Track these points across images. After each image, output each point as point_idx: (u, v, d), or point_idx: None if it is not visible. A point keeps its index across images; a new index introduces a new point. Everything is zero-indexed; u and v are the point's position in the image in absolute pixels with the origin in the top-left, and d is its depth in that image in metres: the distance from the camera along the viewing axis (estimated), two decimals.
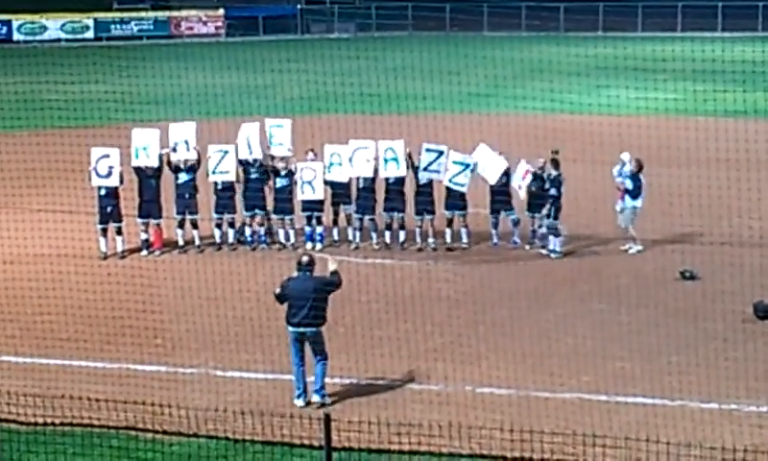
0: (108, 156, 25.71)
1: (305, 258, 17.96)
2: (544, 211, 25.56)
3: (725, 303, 21.74)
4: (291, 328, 17.62)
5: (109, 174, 25.68)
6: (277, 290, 17.95)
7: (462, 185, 26.13)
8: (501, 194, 26.32)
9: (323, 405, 17.33)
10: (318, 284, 17.67)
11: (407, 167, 26.23)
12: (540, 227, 26.02)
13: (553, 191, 25.58)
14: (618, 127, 28.83)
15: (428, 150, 26.13)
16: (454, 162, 26.11)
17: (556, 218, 25.57)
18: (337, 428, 14.02)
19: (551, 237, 25.67)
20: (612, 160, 26.95)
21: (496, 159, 26.05)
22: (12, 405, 15.24)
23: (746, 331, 20.67)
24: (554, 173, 25.70)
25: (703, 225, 26.34)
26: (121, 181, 25.90)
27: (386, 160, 26.11)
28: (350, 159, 26.22)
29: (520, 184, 26.01)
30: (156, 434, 15.64)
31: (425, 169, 26.13)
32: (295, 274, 17.91)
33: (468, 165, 26.08)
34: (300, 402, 17.53)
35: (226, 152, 26.23)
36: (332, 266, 18.07)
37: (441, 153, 26.09)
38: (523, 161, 26.24)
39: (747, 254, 24.74)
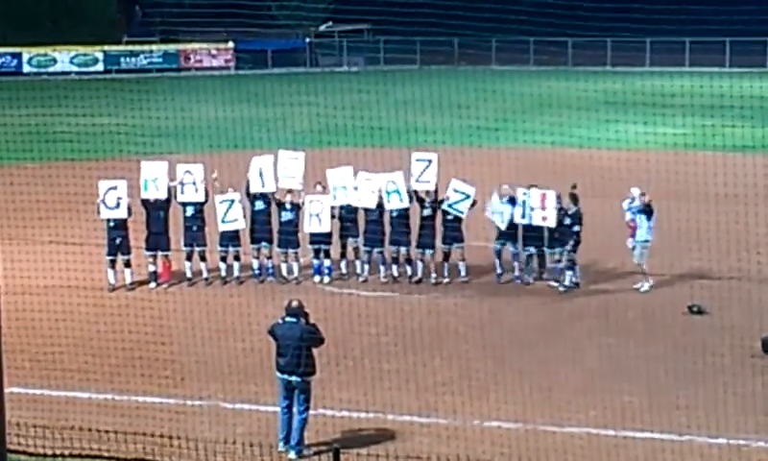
0: (115, 188, 25.84)
1: (294, 303, 17.42)
2: (568, 247, 25.58)
3: (733, 337, 21.73)
4: (278, 374, 17.27)
5: (118, 205, 25.80)
6: (269, 329, 17.71)
7: (461, 212, 26.21)
8: (533, 230, 26.27)
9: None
10: (304, 333, 17.12)
11: (410, 200, 26.35)
12: (559, 261, 26.01)
13: (576, 227, 25.62)
14: (626, 161, 28.93)
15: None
16: (455, 190, 26.23)
17: (574, 251, 25.63)
18: (346, 460, 14.06)
19: (567, 270, 25.69)
20: (620, 195, 26.99)
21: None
22: (21, 437, 15.26)
23: (754, 366, 20.65)
24: (573, 208, 25.75)
25: (711, 260, 26.34)
26: (129, 213, 26.02)
27: (388, 193, 26.24)
28: (356, 188, 26.38)
29: (544, 215, 25.86)
30: None
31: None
32: (281, 318, 17.46)
33: (468, 196, 26.18)
34: (282, 448, 17.15)
35: (232, 201, 26.30)
36: None
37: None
38: (534, 189, 26.13)
39: (755, 288, 24.76)
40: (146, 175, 26.20)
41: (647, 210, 25.64)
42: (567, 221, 25.70)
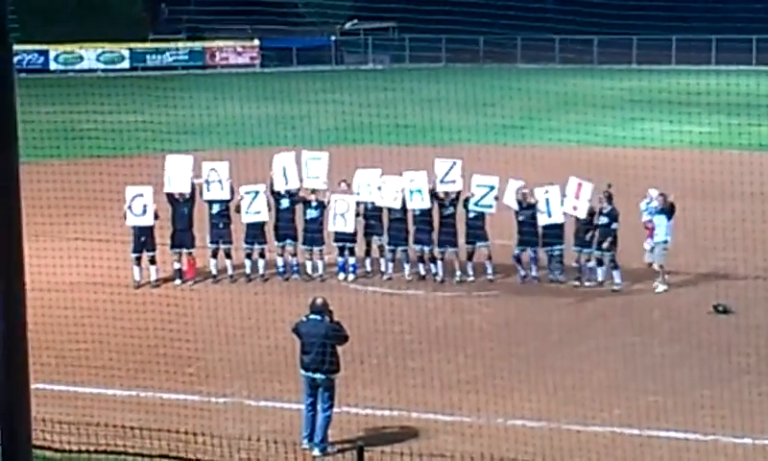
0: (142, 195, 25.98)
1: (319, 301, 17.48)
2: (605, 245, 25.56)
3: (759, 336, 21.66)
4: (302, 372, 17.32)
5: (144, 213, 25.96)
6: (293, 327, 17.76)
7: (489, 207, 26.16)
8: (556, 227, 26.24)
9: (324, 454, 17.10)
10: (329, 330, 17.15)
11: (431, 199, 26.34)
12: (588, 261, 25.98)
13: (614, 225, 25.61)
14: (652, 160, 28.80)
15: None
16: (478, 185, 26.22)
17: (613, 250, 25.64)
18: (370, 458, 14.07)
19: (612, 271, 25.66)
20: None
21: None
22: (46, 432, 15.33)
23: None
24: (608, 207, 25.72)
25: (737, 258, 26.25)
26: (156, 217, 26.14)
27: (411, 192, 26.24)
28: (380, 188, 26.41)
29: (576, 205, 25.82)
30: None
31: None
32: (305, 316, 17.53)
33: (492, 187, 26.16)
34: (306, 445, 17.16)
35: (257, 192, 26.40)
36: None
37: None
38: (572, 178, 26.08)
39: None
40: (170, 169, 26.32)
41: (667, 211, 25.54)
42: (604, 220, 25.64)
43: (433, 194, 26.35)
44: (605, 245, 25.59)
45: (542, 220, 26.01)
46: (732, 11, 61.93)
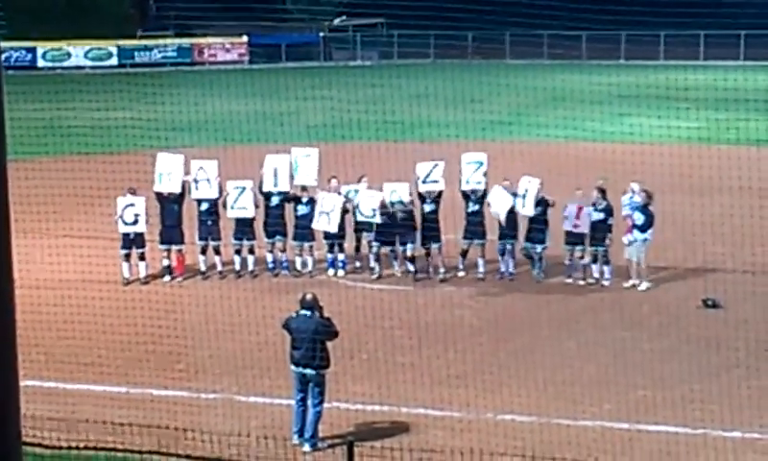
0: (133, 204, 25.97)
1: (309, 296, 17.45)
2: (608, 242, 25.57)
3: (747, 331, 21.71)
4: (293, 367, 17.31)
5: (135, 222, 25.95)
6: (283, 323, 17.78)
7: (478, 184, 26.06)
8: (539, 222, 26.21)
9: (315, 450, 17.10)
10: (319, 326, 17.14)
11: (422, 200, 26.32)
12: (582, 258, 25.96)
13: (610, 220, 25.61)
14: (640, 155, 28.87)
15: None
16: (468, 163, 26.20)
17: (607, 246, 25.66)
18: (360, 454, 14.07)
19: (604, 267, 25.65)
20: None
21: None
22: (36, 429, 15.31)
23: None
24: (603, 202, 25.71)
25: (725, 253, 26.30)
26: (146, 221, 26.12)
27: (392, 203, 26.17)
28: (358, 205, 26.34)
29: (577, 223, 25.72)
30: (179, 458, 15.67)
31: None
32: (295, 311, 17.50)
33: (480, 163, 26.15)
34: (296, 441, 17.16)
35: (243, 188, 26.39)
36: None
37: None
38: (570, 204, 25.89)
39: None
40: (161, 167, 26.28)
41: (646, 210, 25.45)
42: (600, 216, 25.58)
43: (417, 194, 26.34)
44: (607, 241, 25.52)
45: (519, 208, 26.00)
46: (720, 6, 62.08)
